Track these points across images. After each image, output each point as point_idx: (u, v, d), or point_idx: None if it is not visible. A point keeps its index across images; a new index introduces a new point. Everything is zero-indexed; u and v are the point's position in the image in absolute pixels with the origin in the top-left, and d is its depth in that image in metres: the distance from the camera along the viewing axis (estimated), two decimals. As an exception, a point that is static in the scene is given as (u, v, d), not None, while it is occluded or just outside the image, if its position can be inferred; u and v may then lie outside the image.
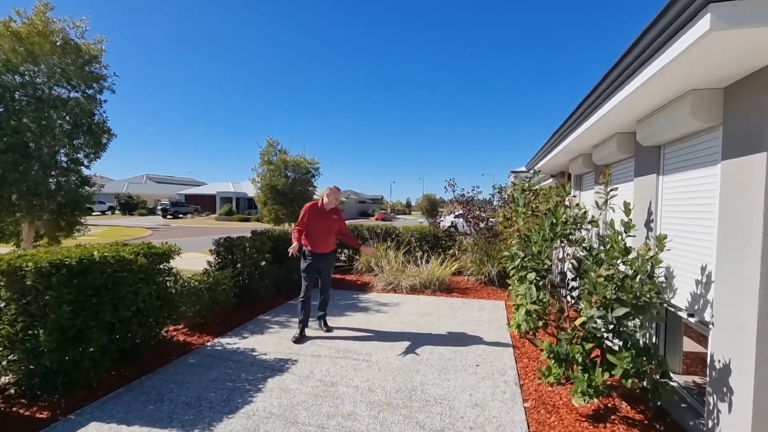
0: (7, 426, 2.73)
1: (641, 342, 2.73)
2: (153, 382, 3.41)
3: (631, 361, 2.48)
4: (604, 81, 2.97)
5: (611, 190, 3.31)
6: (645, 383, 2.62)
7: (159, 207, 40.63)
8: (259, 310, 5.71)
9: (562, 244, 3.42)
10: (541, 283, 3.03)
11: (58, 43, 6.45)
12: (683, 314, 2.83)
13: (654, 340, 3.26)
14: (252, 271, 6.05)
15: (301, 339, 4.48)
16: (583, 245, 3.17)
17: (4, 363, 2.99)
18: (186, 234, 22.42)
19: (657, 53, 2.19)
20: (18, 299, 2.92)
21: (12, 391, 3.06)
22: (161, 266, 3.97)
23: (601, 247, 3.00)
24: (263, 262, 6.32)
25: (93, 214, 39.75)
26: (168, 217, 38.49)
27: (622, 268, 2.73)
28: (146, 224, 29.72)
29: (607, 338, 2.89)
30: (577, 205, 3.26)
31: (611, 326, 2.78)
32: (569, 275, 3.24)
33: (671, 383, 2.74)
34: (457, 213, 10.19)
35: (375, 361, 3.96)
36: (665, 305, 2.95)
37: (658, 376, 2.61)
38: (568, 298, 3.21)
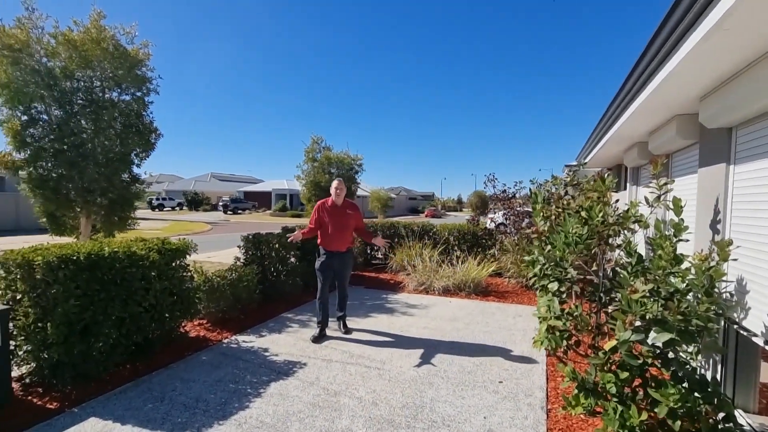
0: (17, 413, 2.83)
1: (697, 373, 2.17)
2: (160, 379, 3.40)
3: (680, 398, 1.96)
4: (658, 36, 2.36)
5: (665, 183, 2.72)
6: (700, 426, 2.07)
7: (220, 204, 43.34)
8: (283, 307, 5.65)
9: (603, 248, 2.89)
10: (565, 294, 2.54)
11: (109, 49, 6.86)
12: (759, 341, 2.22)
13: (719, 370, 2.63)
14: (278, 267, 6.01)
15: (319, 339, 4.36)
16: (627, 250, 2.62)
17: (21, 353, 3.12)
18: (242, 229, 23.55)
19: None
20: (30, 292, 3.02)
21: (28, 380, 3.20)
22: (177, 262, 3.98)
23: (650, 254, 2.46)
24: (291, 259, 6.27)
25: (164, 209, 43.45)
26: (228, 213, 40.90)
27: (673, 280, 2.19)
28: (208, 219, 31.75)
29: (652, 365, 2.35)
30: (618, 201, 2.70)
31: (657, 351, 2.25)
32: (608, 286, 2.71)
33: (738, 429, 2.15)
34: (503, 211, 9.55)
35: (387, 369, 3.67)
36: (735, 328, 2.35)
37: (718, 419, 2.05)
38: (605, 313, 2.69)
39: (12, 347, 3.06)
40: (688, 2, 1.80)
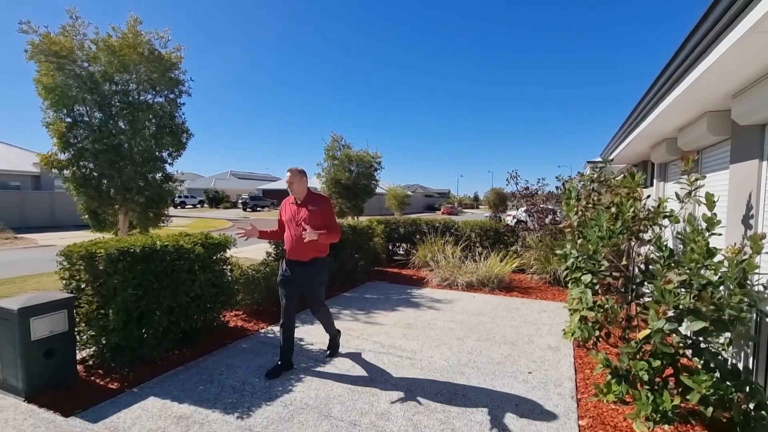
0: (83, 392, 3.09)
1: (729, 363, 2.25)
2: (207, 364, 3.64)
3: (712, 386, 2.05)
4: (690, 38, 2.43)
5: (696, 179, 2.78)
6: (733, 413, 2.15)
7: (240, 201, 44.22)
8: (327, 281, 5.86)
9: (633, 243, 2.96)
10: (597, 286, 2.63)
11: (145, 53, 7.18)
12: (791, 332, 2.28)
13: (751, 362, 2.69)
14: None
15: (273, 373, 3.37)
16: (658, 245, 2.70)
17: (84, 337, 3.39)
18: (261, 226, 24.04)
19: None
20: (93, 281, 3.29)
21: (91, 362, 3.48)
22: (218, 256, 4.22)
23: (681, 248, 2.53)
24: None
25: (186, 207, 44.59)
26: (247, 210, 41.70)
27: (705, 273, 2.26)
28: (228, 216, 32.49)
29: (683, 355, 2.43)
30: (649, 197, 2.78)
31: (689, 341, 2.34)
32: (639, 279, 2.79)
33: (771, 416, 2.22)
34: (524, 208, 9.56)
35: (418, 359, 3.82)
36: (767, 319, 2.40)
37: (750, 407, 2.13)
38: (636, 305, 2.77)
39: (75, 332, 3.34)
40: (724, 7, 1.88)
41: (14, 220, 17.29)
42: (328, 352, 3.90)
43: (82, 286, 3.36)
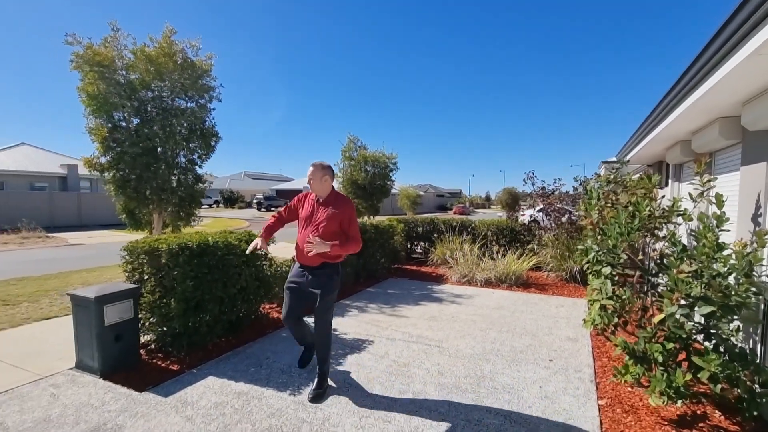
0: (147, 373, 3.47)
1: (737, 347, 2.50)
2: (253, 350, 4.00)
3: (721, 365, 2.30)
4: (706, 51, 2.68)
5: (708, 180, 3.02)
6: (739, 391, 2.40)
7: (254, 201, 45.01)
8: (340, 295, 6.20)
9: (648, 239, 3.22)
10: (617, 278, 2.89)
11: (178, 62, 7.61)
12: (795, 320, 2.52)
13: (759, 349, 2.93)
14: (334, 259, 6.57)
15: (305, 360, 3.51)
16: (672, 241, 2.96)
17: (147, 324, 3.78)
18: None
19: None
20: (155, 274, 3.67)
21: (152, 346, 3.86)
22: (259, 251, 4.57)
23: (694, 243, 2.78)
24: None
25: (202, 206, 45.54)
26: (262, 210, 42.41)
27: (715, 265, 2.52)
28: (244, 216, 33.15)
29: (695, 340, 2.69)
30: (664, 197, 3.03)
31: (701, 327, 2.59)
32: (654, 272, 3.04)
33: (775, 394, 2.46)
34: (538, 207, 9.78)
35: (446, 348, 4.12)
36: (772, 309, 2.64)
37: (756, 385, 2.39)
38: (652, 296, 3.02)
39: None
40: (735, 27, 2.14)
41: (44, 220, 18.03)
42: (313, 387, 3.09)
43: (145, 278, 3.74)
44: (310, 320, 3.46)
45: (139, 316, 3.75)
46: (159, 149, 7.75)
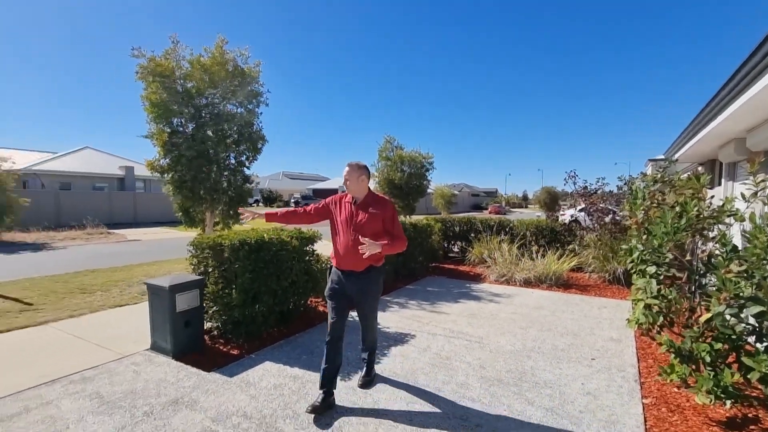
0: (212, 356, 3.84)
1: (791, 349, 2.46)
2: (303, 340, 4.29)
3: (773, 366, 2.30)
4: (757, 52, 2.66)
5: (762, 180, 2.96)
6: (793, 394, 2.38)
7: (292, 200, 46.51)
8: (382, 291, 6.43)
9: (697, 240, 3.19)
10: (662, 277, 2.90)
11: (229, 70, 8.13)
12: None
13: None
14: (374, 256, 6.81)
15: (321, 408, 2.83)
16: (722, 241, 2.93)
17: (210, 312, 4.16)
18: (315, 225, 25.25)
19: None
20: (219, 267, 4.04)
21: (215, 333, 4.25)
22: (308, 248, 4.88)
23: (747, 244, 2.75)
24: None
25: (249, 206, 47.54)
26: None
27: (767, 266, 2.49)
28: (283, 215, 34.27)
29: (746, 342, 2.67)
30: (713, 197, 2.99)
31: (752, 328, 2.57)
32: (701, 272, 3.02)
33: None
34: (579, 207, 9.58)
35: (486, 344, 4.24)
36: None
37: (811, 388, 2.35)
38: (700, 297, 3.00)
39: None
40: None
41: (104, 217, 19.58)
42: (362, 374, 3.31)
43: (209, 270, 4.13)
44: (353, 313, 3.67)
45: (203, 305, 4.15)
46: (211, 152, 8.31)
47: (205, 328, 4.23)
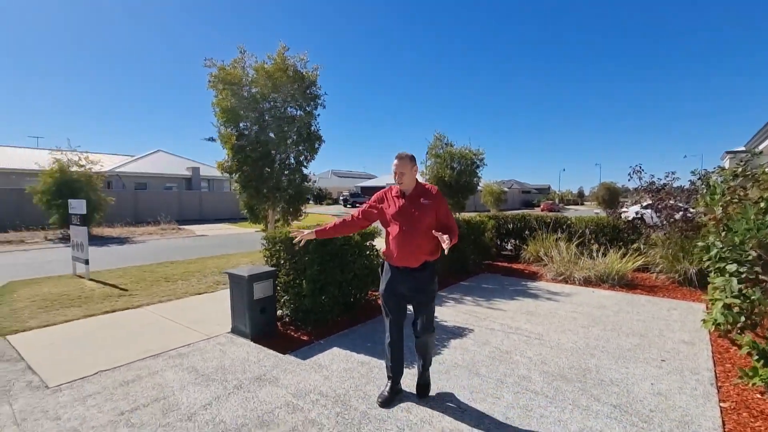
0: (288, 339, 4.19)
1: None
2: (365, 329, 4.54)
3: None
4: None
5: None
6: None
7: (341, 198, 47.74)
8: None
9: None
10: (744, 276, 2.76)
11: (290, 74, 8.62)
12: None
13: None
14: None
15: (390, 400, 2.94)
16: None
17: (282, 300, 4.53)
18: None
19: None
20: (290, 259, 4.39)
21: (286, 320, 4.62)
22: (368, 243, 5.13)
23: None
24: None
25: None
26: (347, 206, 44.75)
27: None
28: (332, 212, 35.24)
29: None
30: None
31: None
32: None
33: None
34: (644, 203, 9.06)
35: (546, 340, 4.23)
36: None
37: None
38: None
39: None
40: None
41: (174, 214, 21.38)
42: (417, 390, 3.07)
43: (281, 262, 4.49)
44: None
45: (276, 294, 4.52)
46: (272, 152, 8.86)
47: (278, 314, 4.63)
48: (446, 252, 2.62)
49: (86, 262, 7.28)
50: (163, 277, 7.31)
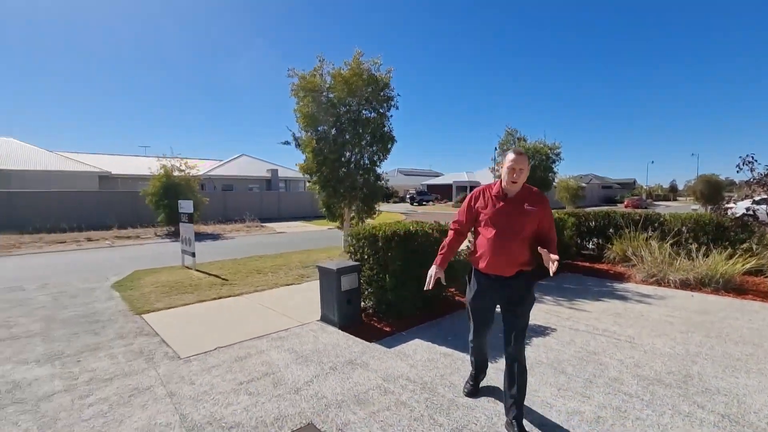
0: (372, 329, 4.48)
1: None
2: (446, 324, 4.68)
3: None
4: None
5: None
6: None
7: (408, 196, 48.13)
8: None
9: None
10: None
11: (365, 78, 9.00)
12: None
13: None
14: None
15: (476, 391, 3.05)
16: None
17: (366, 293, 4.84)
18: (430, 218, 25.76)
19: None
20: (374, 255, 4.68)
21: (369, 311, 4.93)
22: (445, 240, 5.25)
23: None
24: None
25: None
26: (414, 204, 45.01)
27: None
28: (400, 210, 35.75)
29: None
30: None
31: None
32: None
33: None
34: (757, 198, 8.03)
35: (638, 343, 4.02)
36: None
37: None
38: None
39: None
40: None
41: (256, 213, 23.24)
42: (511, 420, 2.56)
43: (365, 257, 4.80)
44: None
45: (360, 287, 4.84)
46: (348, 154, 9.32)
47: (362, 306, 4.95)
48: (552, 274, 2.40)
49: (193, 254, 8.34)
50: (255, 270, 8.11)
